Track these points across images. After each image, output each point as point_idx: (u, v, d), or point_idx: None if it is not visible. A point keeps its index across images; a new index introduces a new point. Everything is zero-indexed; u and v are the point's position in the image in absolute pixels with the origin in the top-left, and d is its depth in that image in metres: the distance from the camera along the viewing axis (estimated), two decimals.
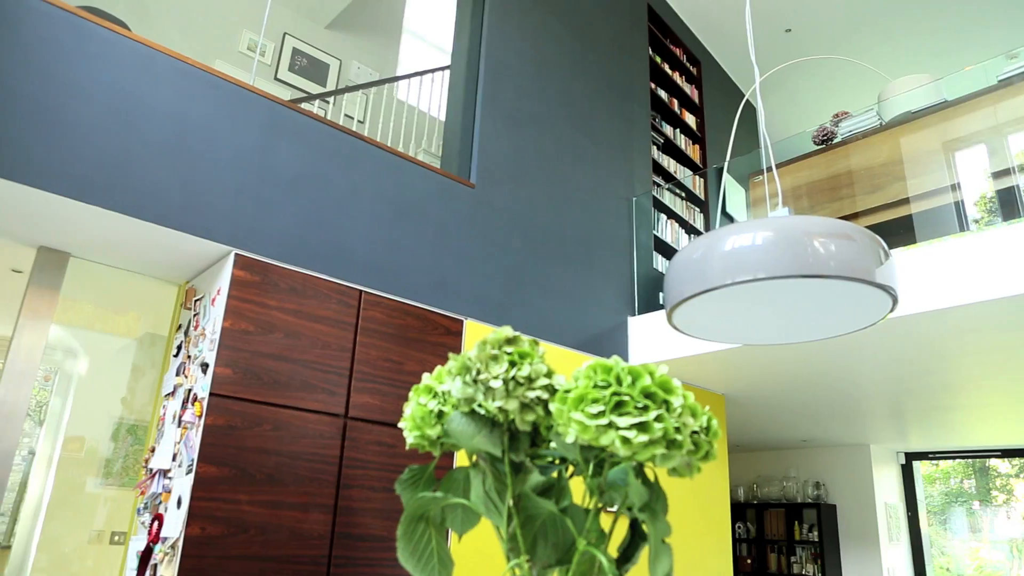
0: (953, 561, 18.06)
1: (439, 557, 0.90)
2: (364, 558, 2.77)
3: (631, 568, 0.84)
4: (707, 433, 0.77)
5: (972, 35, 6.67)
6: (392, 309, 3.16)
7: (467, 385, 0.80)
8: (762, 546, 7.80)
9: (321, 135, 3.17)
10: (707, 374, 4.62)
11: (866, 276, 1.21)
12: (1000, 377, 4.56)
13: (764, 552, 7.77)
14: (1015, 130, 4.35)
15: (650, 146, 5.43)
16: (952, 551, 18.82)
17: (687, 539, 4.52)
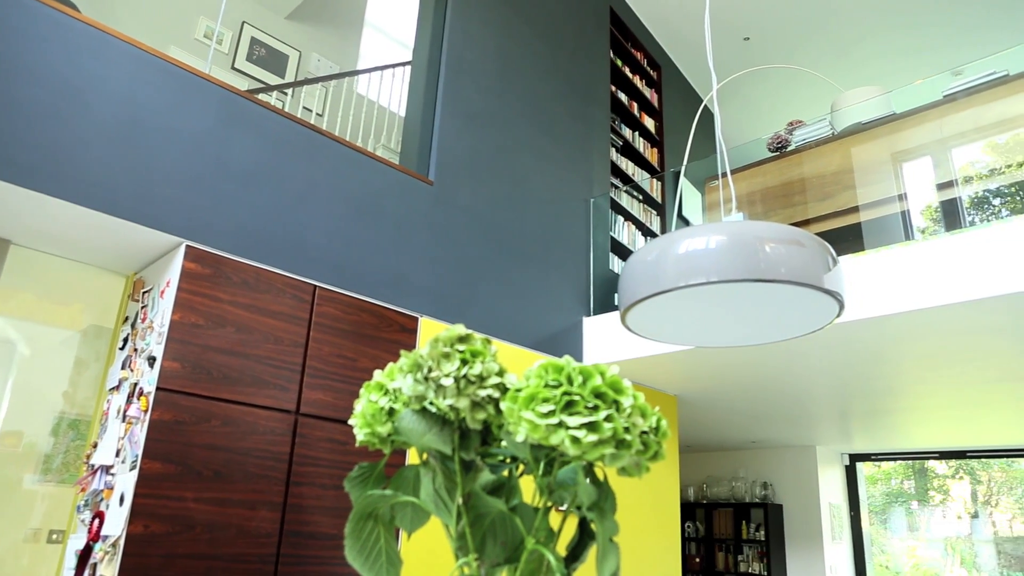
0: (892, 559, 18.64)
1: (387, 555, 0.90)
2: (313, 556, 2.74)
3: (579, 567, 0.85)
4: (656, 433, 0.78)
5: (922, 51, 6.89)
6: (347, 305, 3.13)
7: (418, 383, 0.79)
8: (711, 545, 7.93)
9: (278, 127, 3.12)
10: (660, 375, 4.67)
11: (815, 282, 1.23)
12: (939, 382, 4.71)
13: (712, 551, 7.90)
14: (958, 144, 4.50)
15: (609, 148, 5.47)
16: (891, 549, 19.43)
17: (638, 538, 4.57)
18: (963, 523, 20.24)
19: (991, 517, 20.38)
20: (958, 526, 20.38)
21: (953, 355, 4.02)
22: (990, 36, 6.63)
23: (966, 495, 20.82)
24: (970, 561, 19.25)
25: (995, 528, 20.33)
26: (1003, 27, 6.52)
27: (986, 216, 4.80)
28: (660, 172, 6.17)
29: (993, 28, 6.54)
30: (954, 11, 6.38)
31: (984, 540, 19.78)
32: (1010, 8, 6.30)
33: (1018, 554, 19.77)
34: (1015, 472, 20.12)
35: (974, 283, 3.11)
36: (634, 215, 5.60)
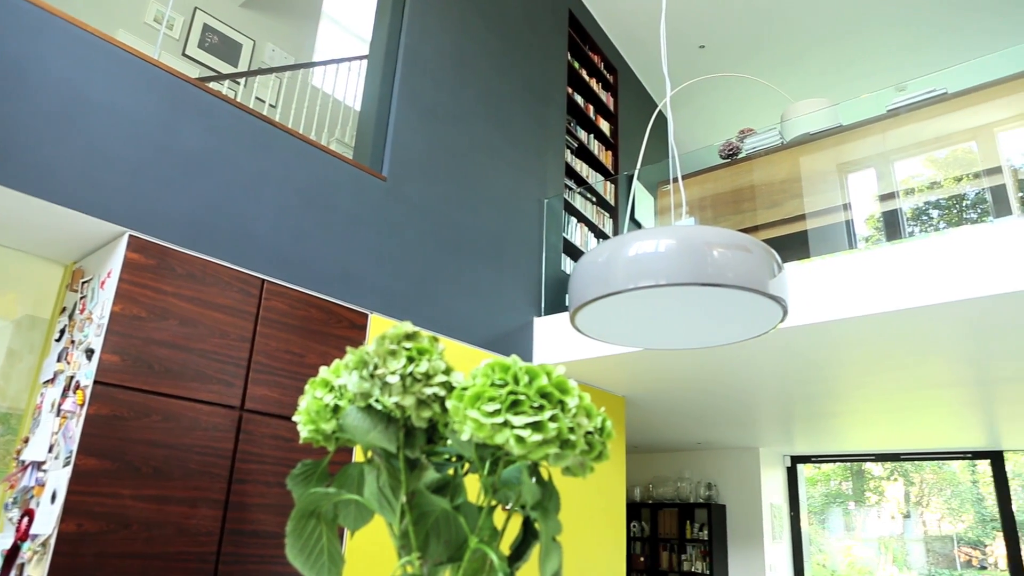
0: (828, 558, 19.20)
1: (329, 554, 0.88)
2: (255, 555, 2.69)
3: (522, 566, 0.85)
4: (601, 434, 0.78)
5: (869, 66, 7.10)
6: (295, 300, 3.08)
7: (364, 380, 0.78)
8: (655, 544, 8.04)
9: (229, 117, 3.05)
10: (609, 376, 4.72)
11: (760, 287, 1.26)
12: (878, 386, 4.86)
13: (657, 550, 8.01)
14: (901, 157, 4.65)
15: (564, 149, 5.50)
16: (828, 549, 20.01)
17: (584, 537, 4.61)
18: (896, 523, 21.02)
19: (922, 517, 21.19)
20: (891, 526, 21.15)
21: (890, 361, 4.15)
22: (933, 55, 6.87)
23: (900, 496, 21.61)
24: (901, 559, 19.99)
25: (925, 527, 21.14)
26: (946, 46, 6.77)
27: (925, 228, 4.98)
28: (614, 175, 6.23)
29: (936, 47, 6.78)
30: (900, 30, 6.59)
31: (915, 539, 20.57)
32: (952, 29, 6.54)
33: (945, 552, 20.58)
34: (945, 474, 20.92)
35: (911, 292, 3.22)
36: (587, 217, 5.65)
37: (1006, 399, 5.15)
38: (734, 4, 6.35)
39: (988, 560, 20.24)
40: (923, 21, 6.50)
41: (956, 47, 6.77)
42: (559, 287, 4.98)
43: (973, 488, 20.81)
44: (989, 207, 4.35)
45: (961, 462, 16.28)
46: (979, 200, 4.44)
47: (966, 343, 3.76)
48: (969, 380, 4.62)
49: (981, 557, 20.61)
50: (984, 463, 7.97)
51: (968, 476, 20.43)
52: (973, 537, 20.58)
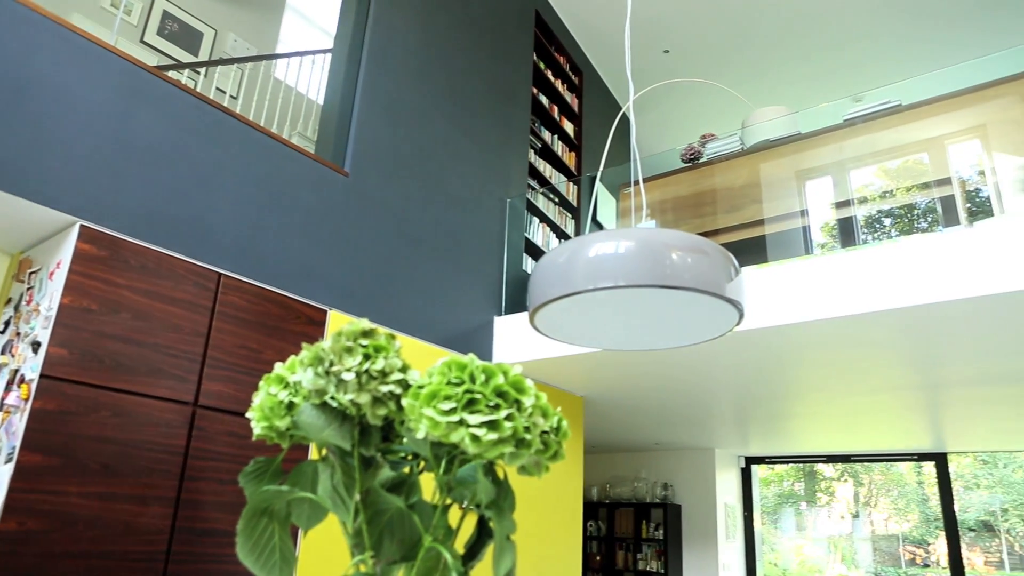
0: (780, 557, 19.62)
1: (281, 553, 0.87)
2: (207, 554, 2.64)
3: (477, 565, 0.85)
4: (557, 433, 0.79)
5: (827, 76, 7.25)
6: (253, 295, 3.03)
7: (319, 376, 0.78)
8: (612, 544, 8.11)
9: (188, 107, 2.99)
10: (568, 376, 4.74)
11: (717, 290, 1.28)
12: (830, 390, 4.97)
13: (613, 549, 8.08)
14: (856, 166, 4.76)
15: (528, 149, 5.51)
16: (780, 548, 20.46)
17: (540, 537, 4.62)
18: (845, 522, 21.55)
19: (870, 517, 21.77)
20: (841, 525, 21.68)
21: (843, 365, 4.25)
22: (889, 68, 7.05)
23: (849, 496, 22.17)
24: (850, 558, 20.51)
25: (873, 527, 21.73)
26: (902, 60, 6.95)
27: (878, 235, 5.11)
28: (577, 176, 6.27)
29: (893, 60, 6.96)
30: (859, 42, 6.75)
31: (863, 538, 21.14)
32: (909, 43, 6.72)
33: (891, 551, 21.20)
34: (893, 475, 21.54)
35: (864, 298, 3.30)
36: (549, 217, 5.67)
37: (951, 403, 5.31)
38: (699, 11, 6.44)
39: (931, 558, 20.92)
40: (880, 34, 6.66)
41: (912, 61, 6.96)
42: (520, 287, 4.99)
43: (919, 489, 21.49)
44: (939, 217, 4.48)
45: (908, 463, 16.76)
46: (930, 209, 4.57)
47: (914, 348, 3.86)
48: (917, 384, 4.76)
49: (924, 555, 21.28)
50: (929, 464, 8.21)
51: (914, 477, 21.09)
52: (917, 536, 21.25)
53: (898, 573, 19.92)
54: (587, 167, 6.46)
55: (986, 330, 3.49)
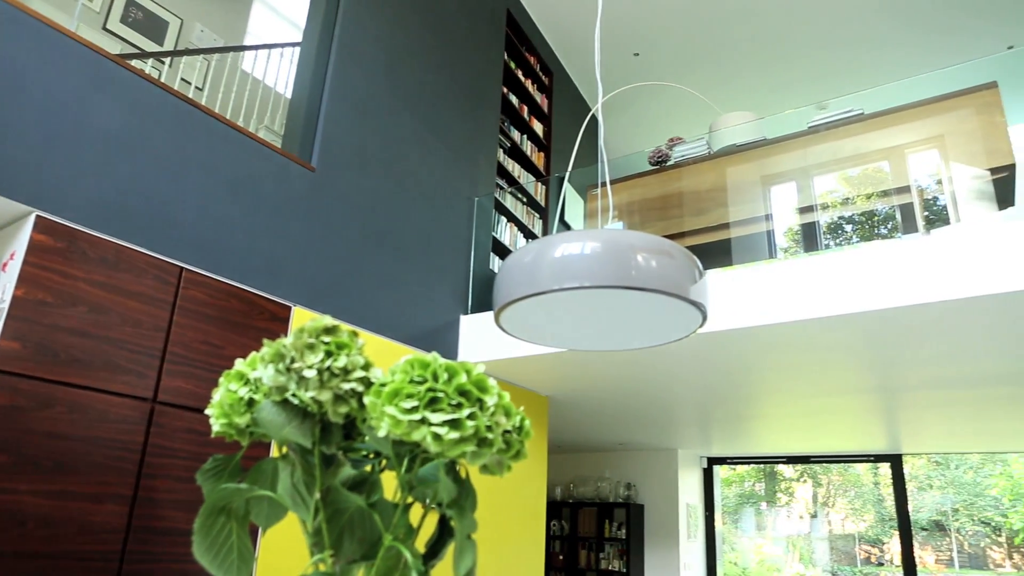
0: (740, 556, 19.90)
1: (239, 552, 0.86)
2: (164, 553, 2.59)
3: (438, 564, 0.84)
4: (519, 433, 0.79)
5: (793, 83, 7.37)
6: (215, 290, 2.98)
7: (280, 373, 0.77)
8: (574, 543, 8.15)
9: (152, 97, 2.93)
10: (533, 376, 4.75)
11: (681, 292, 1.29)
12: (791, 392, 5.06)
13: (576, 549, 8.12)
14: (819, 173, 4.84)
15: (496, 149, 5.51)
16: (740, 547, 20.74)
17: (503, 536, 4.63)
18: (804, 522, 21.96)
19: (828, 517, 22.21)
20: (799, 525, 22.07)
21: (804, 367, 4.32)
22: (853, 76, 7.19)
23: (808, 496, 22.58)
24: (807, 557, 20.89)
25: (830, 527, 22.15)
26: (865, 69, 7.09)
27: (839, 241, 5.20)
28: (545, 176, 6.28)
29: (857, 70, 7.10)
30: (824, 51, 6.87)
31: (820, 538, 21.54)
32: (872, 53, 6.86)
33: (847, 550, 21.65)
34: (850, 476, 21.98)
35: (825, 302, 3.36)
36: (517, 217, 5.67)
37: (907, 405, 5.44)
38: (669, 15, 6.49)
39: (885, 557, 21.43)
40: (846, 44, 6.79)
41: (875, 71, 7.11)
42: (487, 286, 4.99)
43: (875, 489, 21.98)
44: (898, 224, 4.58)
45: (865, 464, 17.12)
46: (890, 216, 4.67)
47: (873, 352, 3.95)
48: (874, 387, 4.86)
49: (879, 554, 21.80)
50: (885, 466, 8.39)
51: (871, 478, 21.56)
52: (873, 535, 21.74)
53: (854, 572, 20.36)
54: (556, 167, 6.48)
55: (941, 335, 3.58)
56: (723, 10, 6.41)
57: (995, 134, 3.99)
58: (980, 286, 3.01)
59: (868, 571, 20.29)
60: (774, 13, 6.43)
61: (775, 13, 6.43)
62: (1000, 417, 5.74)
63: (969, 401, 5.16)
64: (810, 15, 6.44)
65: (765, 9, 6.39)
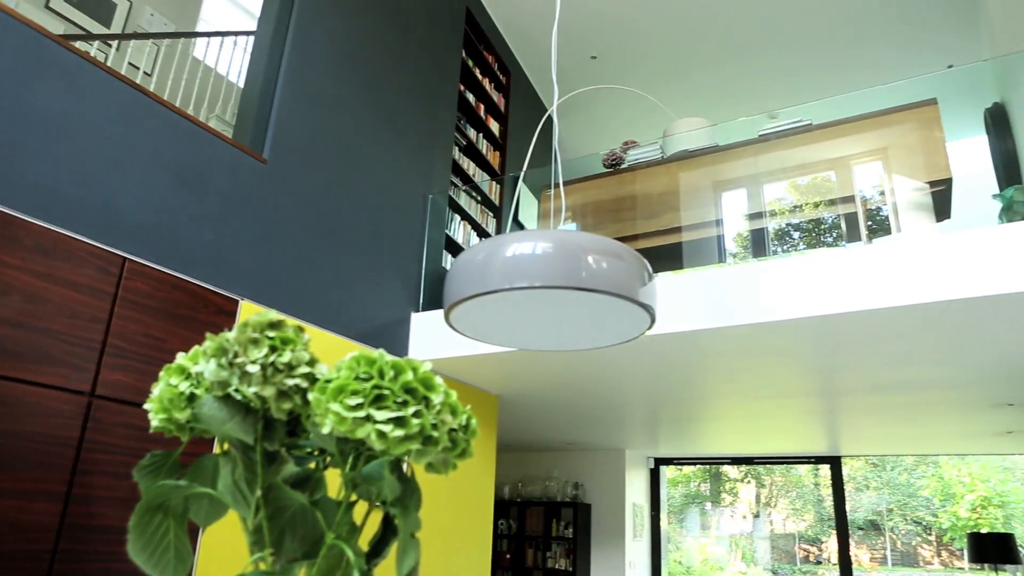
0: (685, 555, 20.22)
1: (176, 550, 0.84)
2: (99, 551, 2.51)
3: (380, 562, 0.84)
4: (465, 431, 0.79)
5: (746, 92, 7.52)
6: (160, 281, 2.91)
7: (222, 368, 0.75)
8: (522, 542, 8.17)
9: (96, 81, 2.84)
10: (484, 375, 4.75)
11: (630, 294, 1.31)
12: (738, 394, 5.16)
13: (523, 548, 8.14)
14: (769, 180, 4.95)
15: (452, 146, 5.49)
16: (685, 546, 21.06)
17: (450, 534, 4.62)
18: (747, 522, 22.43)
19: (770, 517, 22.73)
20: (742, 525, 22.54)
21: (750, 371, 4.42)
22: (804, 88, 7.37)
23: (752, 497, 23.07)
24: (749, 556, 21.35)
25: (772, 526, 22.66)
26: (816, 81, 7.27)
27: (787, 247, 5.33)
28: (500, 175, 6.29)
29: (808, 81, 7.28)
30: (776, 62, 7.03)
31: (762, 537, 22.04)
32: (822, 63, 7.04)
33: (787, 549, 22.17)
34: (792, 477, 22.52)
35: (771, 307, 3.44)
36: (471, 215, 5.67)
37: (846, 409, 5.60)
38: (626, 20, 6.56)
39: (823, 556, 22.01)
40: (797, 57, 6.96)
41: (824, 83, 7.30)
42: (439, 283, 4.97)
43: (815, 490, 22.56)
44: (843, 233, 4.71)
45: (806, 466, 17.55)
46: (835, 225, 4.80)
47: (816, 357, 4.05)
48: (816, 391, 4.99)
49: (817, 553, 22.38)
50: (825, 467, 8.63)
51: (811, 479, 22.12)
52: (812, 535, 22.33)
53: (793, 570, 20.90)
54: (511, 167, 6.49)
55: (880, 342, 3.69)
56: (680, 18, 6.51)
57: (934, 149, 4.13)
58: (916, 295, 3.12)
59: (807, 569, 20.88)
60: (729, 25, 6.55)
61: (730, 25, 6.55)
62: (933, 421, 5.96)
63: (905, 405, 5.34)
64: (764, 29, 6.58)
65: (721, 20, 6.51)
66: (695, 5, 6.35)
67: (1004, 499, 17.57)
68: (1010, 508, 17.66)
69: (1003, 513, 17.58)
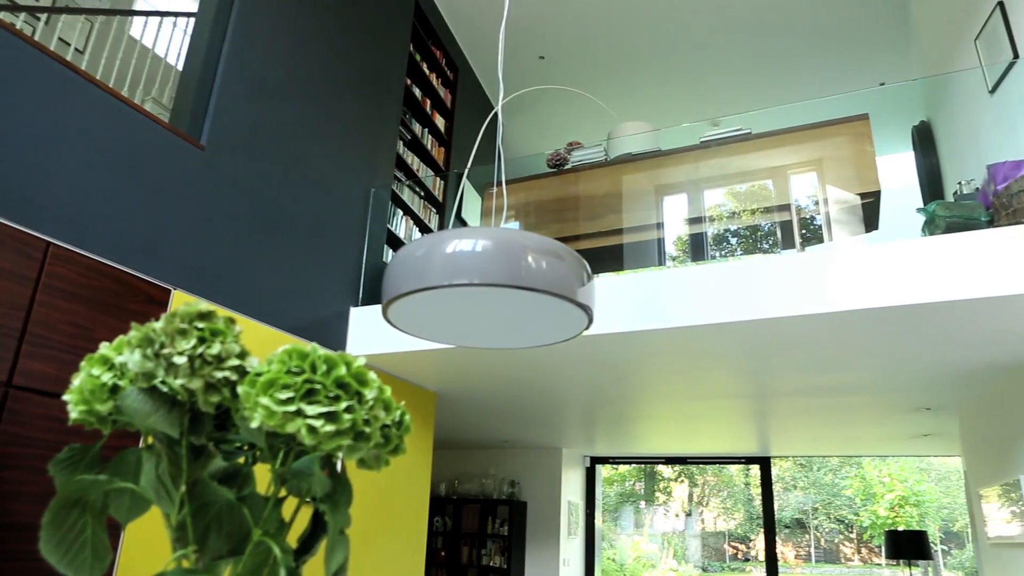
0: (618, 552, 20.49)
1: (93, 548, 0.81)
2: (15, 551, 2.40)
3: (309, 559, 0.83)
4: (399, 427, 0.78)
5: (690, 98, 7.67)
6: (87, 268, 2.80)
7: (147, 359, 0.73)
8: (457, 539, 8.16)
9: (22, 55, 2.71)
10: (422, 371, 4.73)
11: (569, 294, 1.32)
12: (673, 395, 5.26)
13: (458, 545, 8.14)
14: (709, 186, 5.06)
15: (396, 140, 5.44)
16: (619, 544, 21.34)
17: (384, 532, 4.58)
18: (679, 520, 22.87)
19: (701, 516, 23.21)
20: (675, 523, 22.98)
21: (685, 372, 4.51)
22: (746, 97, 7.56)
23: (685, 496, 23.54)
24: (681, 553, 21.76)
25: (703, 525, 23.15)
26: (758, 90, 7.47)
27: (724, 252, 5.46)
28: (444, 172, 6.26)
29: (750, 90, 7.47)
30: (722, 69, 7.19)
31: (693, 535, 22.48)
32: (765, 73, 7.23)
33: (717, 547, 22.68)
34: (724, 477, 23.04)
35: (707, 310, 3.51)
36: (414, 211, 5.62)
37: (777, 411, 5.78)
38: (576, 22, 6.61)
39: (751, 553, 22.59)
40: (740, 66, 7.13)
41: (765, 94, 7.50)
42: (379, 278, 4.92)
43: (745, 490, 23.14)
44: (778, 240, 4.85)
45: (737, 466, 18.02)
46: (771, 232, 4.94)
47: (748, 360, 4.16)
48: (748, 393, 5.13)
49: (746, 550, 22.96)
50: (756, 467, 8.87)
51: (742, 479, 22.69)
52: (741, 533, 22.90)
53: (722, 567, 21.43)
54: (455, 163, 6.47)
55: (809, 346, 3.82)
56: (629, 24, 6.59)
57: (865, 162, 4.29)
58: (845, 302, 3.23)
59: (735, 567, 21.49)
60: (675, 34, 6.67)
61: (676, 34, 6.67)
62: (857, 424, 6.20)
63: (832, 408, 5.54)
64: (708, 40, 6.73)
65: (667, 29, 6.62)
66: (643, 12, 6.44)
67: (919, 498, 18.42)
68: (924, 507, 18.54)
69: (918, 511, 18.43)
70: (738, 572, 20.70)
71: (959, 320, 3.30)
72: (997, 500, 4.37)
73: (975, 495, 5.04)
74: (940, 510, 19.27)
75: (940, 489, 19.46)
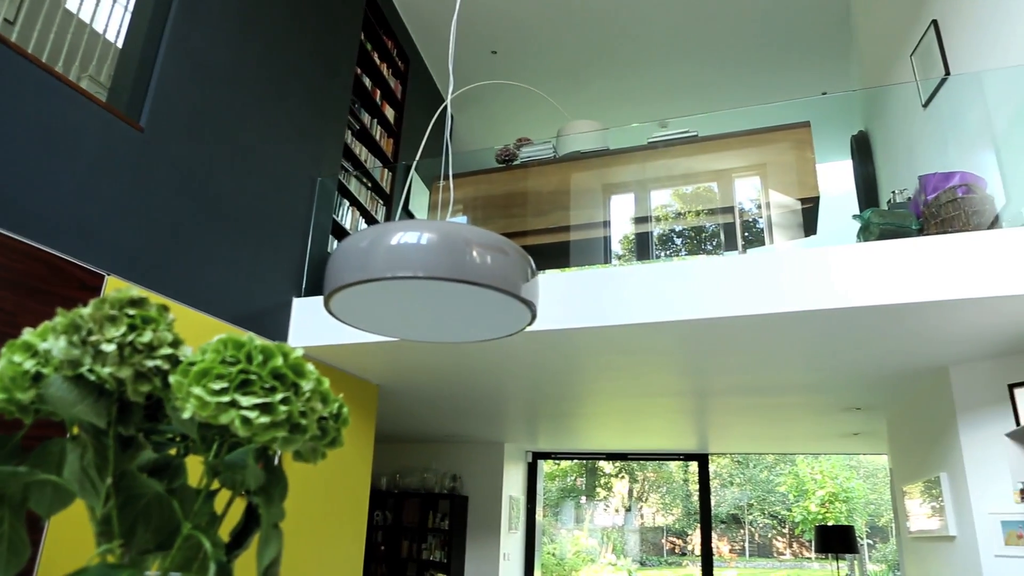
0: (559, 547, 20.64)
1: (11, 542, 0.78)
2: None
3: (241, 554, 0.81)
4: (336, 420, 0.77)
5: (639, 98, 7.76)
6: (13, 251, 2.68)
7: (73, 346, 0.70)
8: (397, 533, 8.12)
9: None
10: (365, 364, 4.68)
11: (512, 289, 1.32)
12: (614, 391, 5.33)
13: (399, 539, 8.09)
14: (656, 187, 5.13)
15: (345, 130, 5.37)
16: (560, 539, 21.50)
17: (323, 525, 4.52)
18: (619, 516, 23.18)
19: (641, 511, 23.56)
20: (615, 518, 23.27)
21: (627, 369, 4.57)
22: (694, 99, 7.69)
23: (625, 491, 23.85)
24: (620, 548, 22.06)
25: (642, 520, 23.51)
26: (704, 93, 7.60)
27: (669, 252, 5.54)
28: (393, 163, 6.20)
29: (698, 93, 7.60)
30: (671, 70, 7.29)
31: (632, 530, 22.82)
32: (712, 77, 7.37)
33: (656, 541, 23.07)
34: (664, 473, 23.43)
35: (651, 308, 3.57)
36: (361, 201, 5.56)
37: (715, 409, 5.91)
38: (528, 19, 6.62)
39: (688, 548, 23.04)
40: (689, 70, 7.25)
41: (712, 97, 7.64)
42: (323, 269, 4.84)
43: (684, 486, 23.58)
44: (721, 241, 4.95)
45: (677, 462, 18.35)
46: (715, 234, 5.04)
47: (688, 358, 4.24)
48: (688, 391, 5.23)
49: (683, 545, 23.41)
50: (694, 464, 9.06)
51: (681, 475, 23.12)
52: (679, 528, 23.33)
53: (660, 561, 21.82)
54: (404, 155, 6.42)
55: (746, 346, 3.92)
56: (581, 23, 6.63)
57: (806, 168, 4.42)
58: (781, 304, 3.32)
59: (672, 560, 21.93)
60: (626, 34, 6.74)
61: (627, 34, 6.74)
62: (792, 422, 6.38)
63: (767, 407, 5.69)
64: (658, 42, 6.82)
65: (618, 29, 6.68)
66: (595, 12, 6.49)
67: (848, 495, 19.10)
68: (852, 503, 19.23)
69: (847, 507, 19.11)
70: (675, 567, 21.15)
71: (888, 323, 3.43)
72: (919, 496, 4.56)
73: (899, 491, 5.26)
74: (867, 506, 20.03)
75: (868, 486, 20.22)
